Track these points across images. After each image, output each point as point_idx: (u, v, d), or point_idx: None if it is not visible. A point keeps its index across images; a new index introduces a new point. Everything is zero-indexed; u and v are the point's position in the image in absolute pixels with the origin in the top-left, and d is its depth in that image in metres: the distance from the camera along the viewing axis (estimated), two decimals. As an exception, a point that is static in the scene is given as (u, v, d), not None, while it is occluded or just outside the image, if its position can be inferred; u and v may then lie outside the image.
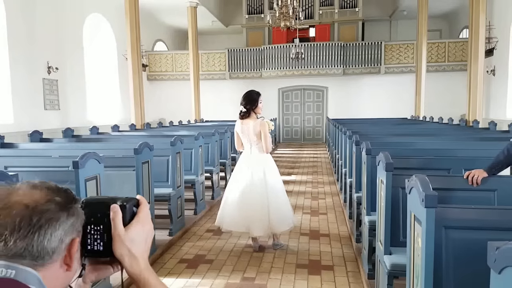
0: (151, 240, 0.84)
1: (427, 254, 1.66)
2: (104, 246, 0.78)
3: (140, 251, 0.79)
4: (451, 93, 14.62)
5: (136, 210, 0.82)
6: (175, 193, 4.53)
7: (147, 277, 0.78)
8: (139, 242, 0.79)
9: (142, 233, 0.80)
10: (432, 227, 1.66)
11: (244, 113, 4.19)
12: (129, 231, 0.78)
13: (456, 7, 14.90)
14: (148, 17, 15.46)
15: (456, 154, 3.89)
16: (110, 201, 0.81)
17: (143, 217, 0.82)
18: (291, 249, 4.32)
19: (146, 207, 0.84)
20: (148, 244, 0.83)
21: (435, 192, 1.70)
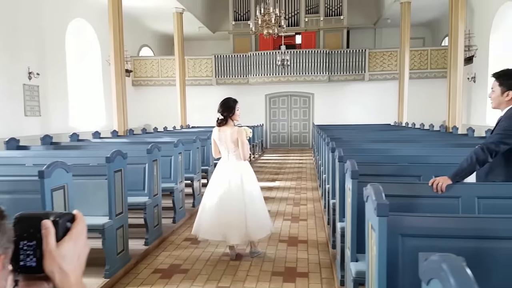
0: (85, 257, 0.82)
1: (380, 262, 1.68)
2: (37, 262, 0.76)
3: (72, 268, 0.78)
4: (433, 100, 14.84)
5: (70, 226, 0.80)
6: (151, 202, 4.50)
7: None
8: (71, 258, 0.78)
9: (75, 249, 0.79)
10: (385, 235, 1.68)
11: (221, 121, 4.19)
12: (61, 248, 0.77)
13: (439, 15, 15.17)
14: (133, 22, 15.43)
15: (428, 161, 3.94)
16: (43, 216, 0.79)
17: (76, 233, 0.80)
18: (268, 257, 4.32)
19: (81, 223, 0.82)
20: (81, 260, 0.81)
21: (387, 201, 1.72)
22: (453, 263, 0.87)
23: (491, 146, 2.64)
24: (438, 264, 0.89)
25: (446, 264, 0.87)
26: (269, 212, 6.17)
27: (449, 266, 0.86)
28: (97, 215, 3.67)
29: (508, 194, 2.63)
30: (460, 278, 0.84)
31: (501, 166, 2.77)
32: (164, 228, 5.03)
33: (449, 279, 0.85)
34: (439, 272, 0.87)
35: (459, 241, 1.86)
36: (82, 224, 0.82)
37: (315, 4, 16.80)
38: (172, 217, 5.42)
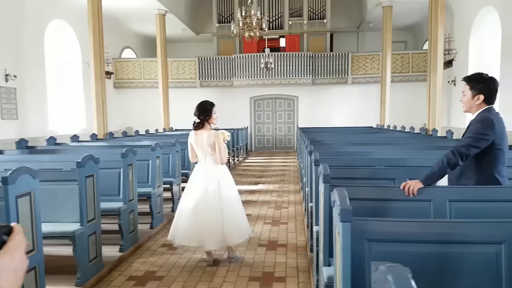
0: (22, 270, 0.80)
1: (344, 267, 1.65)
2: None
3: (8, 282, 0.76)
4: (415, 103, 15.00)
5: (7, 239, 0.77)
6: (126, 207, 4.41)
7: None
8: (6, 273, 0.76)
9: (11, 263, 0.76)
10: (348, 241, 1.66)
11: (198, 124, 4.14)
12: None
13: (420, 19, 15.37)
14: (115, 23, 15.25)
15: (404, 164, 3.95)
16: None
17: (13, 246, 0.77)
18: (246, 262, 4.27)
19: (18, 236, 0.79)
20: (18, 275, 0.79)
21: (351, 206, 1.70)
22: (398, 274, 0.85)
23: (461, 150, 2.65)
24: (384, 275, 0.86)
25: (391, 275, 0.84)
26: (250, 216, 6.19)
27: (394, 278, 0.83)
28: (68, 221, 3.58)
29: (479, 197, 2.64)
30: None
31: (472, 170, 2.78)
32: (140, 234, 4.94)
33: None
34: (384, 284, 0.84)
35: (426, 246, 1.86)
36: (19, 237, 0.79)
37: (298, 8, 16.88)
38: (149, 222, 5.33)
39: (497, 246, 1.82)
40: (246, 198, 7.60)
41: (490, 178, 2.74)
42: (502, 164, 2.77)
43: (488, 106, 2.78)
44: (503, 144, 2.73)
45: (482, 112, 2.78)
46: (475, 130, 2.70)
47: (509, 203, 2.60)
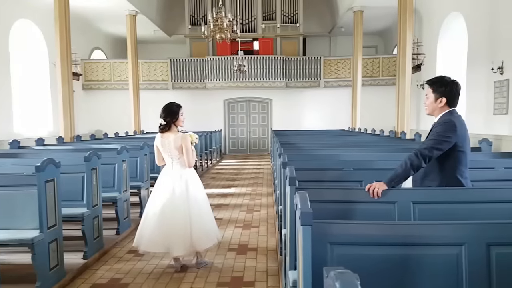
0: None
1: (305, 271, 1.62)
2: None
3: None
4: (385, 106, 15.30)
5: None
6: (90, 213, 4.26)
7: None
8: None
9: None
10: (308, 244, 1.63)
11: (164, 126, 4.05)
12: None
13: (390, 24, 15.72)
14: (85, 24, 14.90)
15: (372, 166, 3.99)
16: None
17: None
18: (215, 267, 4.20)
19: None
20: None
21: (311, 209, 1.67)
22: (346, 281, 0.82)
23: (424, 152, 2.68)
24: (333, 282, 0.83)
25: (339, 283, 0.81)
26: (221, 219, 6.13)
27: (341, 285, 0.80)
28: (27, 228, 3.42)
29: (442, 199, 2.68)
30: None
31: (435, 171, 2.82)
32: (106, 240, 4.79)
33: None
34: (333, 291, 0.81)
35: (388, 248, 1.85)
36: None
37: (271, 11, 16.96)
38: (116, 228, 5.18)
39: (458, 247, 1.83)
40: (218, 202, 7.53)
41: (453, 180, 2.78)
42: (465, 166, 2.82)
43: (451, 109, 2.83)
44: (465, 146, 2.78)
45: (444, 114, 2.82)
46: (438, 132, 2.74)
47: (471, 204, 2.64)
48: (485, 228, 1.82)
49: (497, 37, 8.60)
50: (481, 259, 1.78)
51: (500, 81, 8.49)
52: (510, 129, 8.14)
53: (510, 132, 8.11)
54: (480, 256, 1.78)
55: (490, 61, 8.66)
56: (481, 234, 1.80)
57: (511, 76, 8.08)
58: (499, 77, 8.48)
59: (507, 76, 8.23)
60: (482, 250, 1.78)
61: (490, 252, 1.78)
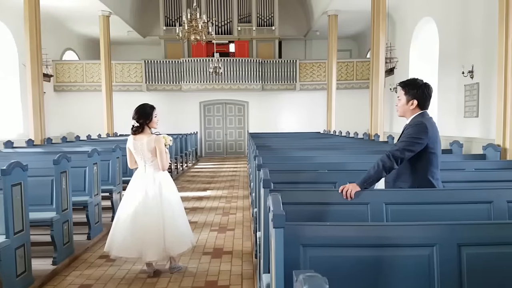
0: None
1: (277, 273, 1.60)
2: None
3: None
4: (359, 109, 15.53)
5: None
6: (59, 218, 4.12)
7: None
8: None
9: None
10: (281, 246, 1.61)
11: (137, 128, 3.95)
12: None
13: (364, 29, 15.98)
14: (56, 24, 14.51)
15: (346, 167, 4.02)
16: None
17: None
18: (189, 271, 4.14)
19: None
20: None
21: (283, 212, 1.65)
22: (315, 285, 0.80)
23: (396, 153, 2.71)
24: (301, 286, 0.81)
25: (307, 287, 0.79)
26: (196, 223, 6.05)
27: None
28: (-9, 234, 3.27)
29: (414, 200, 2.71)
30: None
31: (407, 173, 2.85)
32: (77, 245, 4.64)
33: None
34: (302, 295, 0.79)
35: (361, 249, 1.85)
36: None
37: (247, 14, 16.96)
38: (86, 233, 5.03)
39: (429, 248, 1.85)
40: (193, 205, 7.45)
41: (424, 181, 2.83)
42: (436, 167, 2.87)
43: (422, 111, 2.87)
44: (436, 148, 2.83)
45: (416, 116, 2.86)
46: (409, 134, 2.77)
47: (442, 205, 2.69)
48: (456, 228, 1.85)
49: (467, 41, 8.86)
50: (452, 259, 1.80)
51: (470, 85, 8.74)
52: (480, 131, 8.39)
53: (480, 134, 8.36)
54: (451, 256, 1.80)
55: (461, 65, 8.91)
56: (452, 235, 1.82)
57: (481, 79, 8.32)
58: (469, 81, 8.74)
59: (477, 79, 8.48)
60: (453, 251, 1.80)
61: (461, 253, 1.81)
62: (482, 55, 8.23)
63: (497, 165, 4.39)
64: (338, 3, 12.82)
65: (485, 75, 8.14)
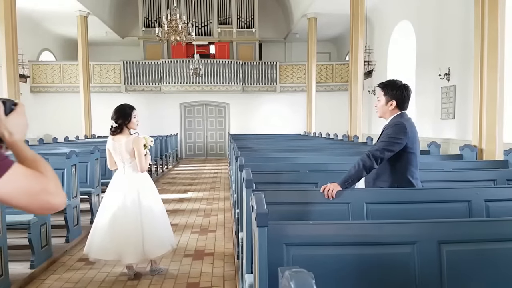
0: (25, 128, 1.16)
1: (261, 273, 1.60)
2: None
3: (16, 131, 1.11)
4: (339, 111, 15.73)
5: (15, 108, 1.14)
6: (36, 220, 4.01)
7: (19, 144, 1.12)
8: (15, 126, 1.12)
9: (18, 121, 1.13)
10: (265, 245, 1.62)
11: (115, 129, 3.89)
12: (8, 118, 1.11)
13: (343, 32, 16.19)
14: (33, 25, 14.18)
15: (327, 168, 4.06)
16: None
17: (18, 112, 1.14)
18: (170, 273, 4.10)
19: (21, 107, 1.16)
20: (23, 130, 1.14)
21: (267, 210, 1.66)
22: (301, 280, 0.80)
23: (376, 153, 2.75)
24: (288, 282, 0.82)
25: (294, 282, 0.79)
26: (177, 225, 6.00)
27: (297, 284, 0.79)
28: (-36, 239, 3.16)
29: (393, 199, 2.76)
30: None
31: (387, 172, 2.90)
32: (55, 249, 4.54)
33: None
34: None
35: (343, 248, 1.87)
36: (22, 107, 1.16)
37: (227, 16, 16.94)
38: (65, 236, 4.92)
39: (410, 246, 1.88)
40: (174, 207, 7.38)
41: (403, 181, 2.87)
42: (415, 167, 2.92)
43: (401, 112, 2.93)
44: (415, 148, 2.88)
45: (395, 117, 2.91)
46: (389, 134, 2.82)
47: (422, 204, 2.74)
48: (436, 226, 1.88)
49: (443, 45, 9.08)
50: (433, 256, 1.83)
51: (447, 87, 8.96)
52: (456, 133, 8.60)
53: (456, 135, 8.57)
54: (431, 253, 1.84)
55: (437, 68, 9.12)
56: (432, 233, 1.86)
57: (458, 82, 8.54)
58: (446, 83, 8.95)
59: (453, 82, 8.70)
60: (433, 248, 1.84)
61: (441, 250, 1.84)
62: (458, 58, 8.45)
63: (474, 165, 4.50)
64: (318, 6, 12.95)
65: (461, 77, 8.36)
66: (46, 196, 1.07)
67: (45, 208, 1.10)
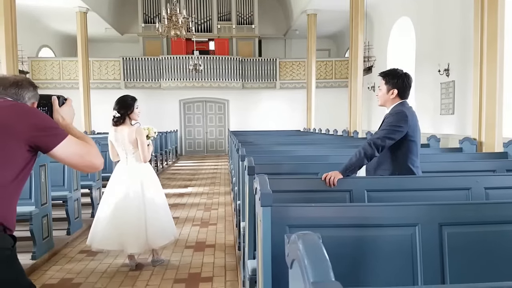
0: (72, 115, 1.75)
1: (265, 253, 1.62)
2: None
3: (67, 117, 1.71)
4: (338, 107, 15.75)
5: (65, 101, 1.75)
6: (38, 212, 4.03)
7: (71, 127, 1.70)
8: (67, 114, 1.72)
9: (68, 110, 1.73)
10: (269, 225, 1.63)
11: (118, 119, 3.89)
12: (61, 108, 1.70)
13: (342, 29, 16.21)
14: (32, 21, 14.17)
15: (327, 160, 4.08)
16: (50, 95, 1.72)
17: (67, 104, 1.75)
18: (172, 264, 4.12)
19: (70, 101, 1.78)
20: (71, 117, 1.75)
21: (270, 190, 1.68)
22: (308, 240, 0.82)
23: (377, 141, 2.76)
24: (296, 244, 0.83)
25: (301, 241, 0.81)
26: (178, 218, 6.02)
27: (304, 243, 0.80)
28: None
29: (394, 186, 2.78)
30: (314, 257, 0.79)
31: (388, 161, 2.91)
32: (56, 241, 4.56)
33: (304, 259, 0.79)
34: (296, 252, 0.81)
35: (345, 230, 1.89)
36: (70, 101, 1.77)
37: (227, 12, 16.94)
38: (66, 228, 4.94)
39: (412, 228, 1.90)
40: (174, 201, 7.40)
41: (405, 169, 2.89)
42: (415, 155, 2.94)
43: (402, 101, 2.94)
44: (415, 136, 2.90)
45: (396, 105, 2.93)
46: (390, 122, 2.83)
47: (423, 191, 2.76)
48: (437, 209, 1.90)
49: (443, 41, 9.10)
50: (434, 238, 1.85)
51: (446, 83, 8.98)
52: (456, 128, 8.62)
53: (456, 131, 8.59)
54: (433, 235, 1.86)
55: (437, 64, 9.14)
56: (433, 215, 1.88)
57: (457, 78, 8.56)
58: (445, 79, 8.97)
59: (453, 78, 8.72)
60: (434, 230, 1.86)
61: (442, 232, 1.86)
62: (457, 54, 8.47)
63: (474, 157, 4.53)
64: (317, 2, 12.96)
65: (460, 73, 8.38)
66: (90, 157, 1.60)
67: (90, 166, 1.64)
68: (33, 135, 1.50)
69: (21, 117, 1.51)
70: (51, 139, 1.53)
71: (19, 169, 1.52)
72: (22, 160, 1.52)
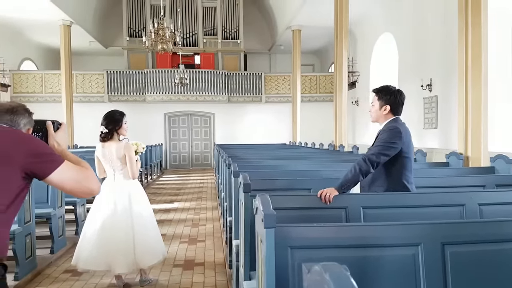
0: (66, 140, 1.75)
1: (268, 276, 1.57)
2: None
3: (61, 142, 1.72)
4: (324, 121, 15.89)
5: (60, 126, 1.76)
6: (21, 231, 3.88)
7: (66, 152, 1.70)
8: (61, 138, 1.73)
9: (62, 135, 1.73)
10: (272, 247, 1.58)
11: (106, 135, 3.81)
12: (56, 134, 1.71)
13: (326, 44, 16.45)
14: (15, 33, 13.96)
15: (318, 175, 4.05)
16: (45, 121, 1.71)
17: (62, 129, 1.76)
18: (160, 284, 4.00)
19: (64, 126, 1.78)
20: (65, 142, 1.74)
21: (274, 211, 1.63)
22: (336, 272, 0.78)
23: (372, 158, 2.76)
24: (321, 275, 0.79)
25: (329, 274, 0.77)
26: (165, 235, 5.88)
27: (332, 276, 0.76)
28: None
29: (390, 203, 2.76)
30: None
31: (382, 177, 2.90)
32: (40, 260, 4.39)
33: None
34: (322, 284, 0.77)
35: (348, 250, 1.85)
36: (64, 126, 1.77)
37: (212, 26, 17.01)
38: (50, 247, 4.77)
39: (414, 248, 1.87)
40: (160, 217, 7.26)
41: (399, 185, 2.88)
42: (410, 171, 2.94)
43: (395, 117, 2.96)
44: (409, 152, 2.91)
45: (389, 122, 2.94)
46: (384, 139, 2.83)
47: (418, 208, 2.75)
48: (439, 228, 1.88)
49: (425, 56, 9.29)
50: (437, 258, 1.83)
51: (429, 98, 9.15)
52: (439, 142, 8.75)
53: (439, 145, 8.72)
54: (435, 255, 1.83)
55: (419, 79, 9.31)
56: (436, 234, 1.85)
57: (440, 92, 8.72)
58: (428, 94, 9.14)
59: (435, 92, 8.88)
60: (437, 249, 1.84)
61: (444, 251, 1.84)
62: (440, 69, 8.65)
63: (462, 172, 4.57)
64: (302, 18, 13.13)
65: (443, 88, 8.55)
66: (87, 183, 1.59)
67: (87, 192, 1.61)
68: (28, 162, 1.49)
69: (17, 144, 1.50)
70: (47, 166, 1.51)
71: (13, 197, 1.49)
72: (16, 187, 1.49)
